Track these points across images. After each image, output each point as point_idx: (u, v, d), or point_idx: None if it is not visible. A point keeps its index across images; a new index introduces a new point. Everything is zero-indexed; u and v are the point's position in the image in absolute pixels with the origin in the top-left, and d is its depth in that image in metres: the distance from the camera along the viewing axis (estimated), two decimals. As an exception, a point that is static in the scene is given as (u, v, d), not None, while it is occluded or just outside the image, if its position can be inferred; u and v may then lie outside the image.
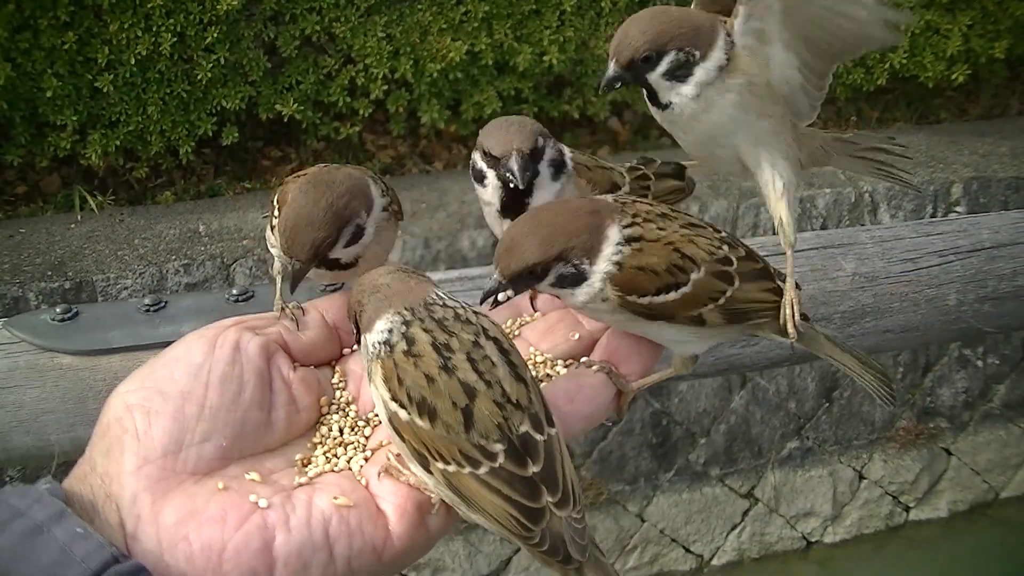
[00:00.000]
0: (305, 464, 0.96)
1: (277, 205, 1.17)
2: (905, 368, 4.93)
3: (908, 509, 5.04)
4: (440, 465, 0.87)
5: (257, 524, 0.85)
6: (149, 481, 0.86)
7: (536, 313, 1.16)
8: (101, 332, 1.44)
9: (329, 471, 0.95)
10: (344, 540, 0.87)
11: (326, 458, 0.96)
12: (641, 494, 4.62)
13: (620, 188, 1.26)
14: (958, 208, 4.84)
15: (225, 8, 4.19)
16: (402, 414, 0.88)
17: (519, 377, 0.90)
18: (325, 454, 0.97)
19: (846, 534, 4.95)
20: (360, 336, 0.96)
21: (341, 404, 1.02)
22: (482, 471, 0.87)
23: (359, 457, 0.96)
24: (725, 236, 1.08)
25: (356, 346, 1.03)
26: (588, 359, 1.07)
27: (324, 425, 1.00)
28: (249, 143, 4.89)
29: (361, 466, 0.95)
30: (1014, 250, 1.69)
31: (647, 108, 1.20)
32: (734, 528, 4.79)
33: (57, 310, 1.46)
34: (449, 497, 0.89)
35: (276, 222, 1.14)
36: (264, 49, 4.58)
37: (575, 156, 1.24)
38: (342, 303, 1.07)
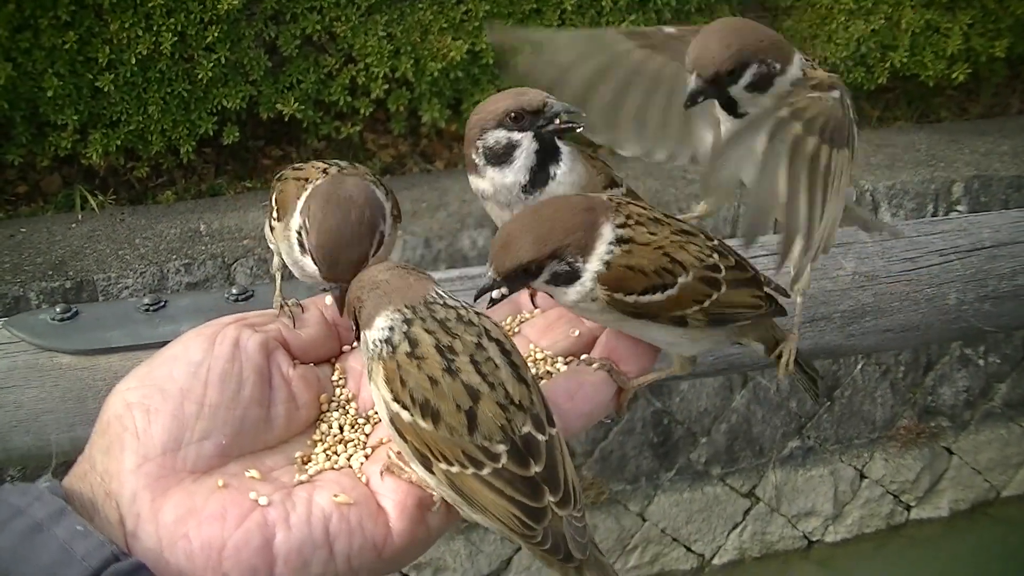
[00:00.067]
0: (305, 461, 0.95)
1: (277, 205, 1.16)
2: (906, 367, 4.93)
3: (909, 508, 5.04)
4: (443, 466, 0.87)
5: (257, 522, 0.85)
6: (149, 479, 0.86)
7: (536, 310, 1.15)
8: (100, 332, 1.44)
9: (329, 468, 0.94)
10: (344, 537, 0.87)
11: (326, 455, 0.96)
12: (642, 493, 4.62)
13: (619, 185, 1.25)
14: (959, 207, 4.84)
15: (226, 7, 4.19)
16: (404, 415, 0.88)
17: (521, 378, 0.90)
18: (325, 451, 0.96)
19: (847, 533, 4.95)
20: (359, 333, 0.96)
21: (341, 401, 1.02)
22: (485, 472, 0.86)
23: (359, 454, 0.96)
24: (716, 245, 1.07)
25: (356, 343, 1.03)
26: (588, 356, 1.06)
27: (324, 422, 1.00)
28: (250, 142, 4.89)
29: (361, 463, 0.95)
30: (1014, 249, 1.68)
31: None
32: (735, 527, 4.79)
33: (56, 310, 1.46)
34: (451, 497, 0.89)
35: (303, 237, 1.07)
36: (265, 48, 4.58)
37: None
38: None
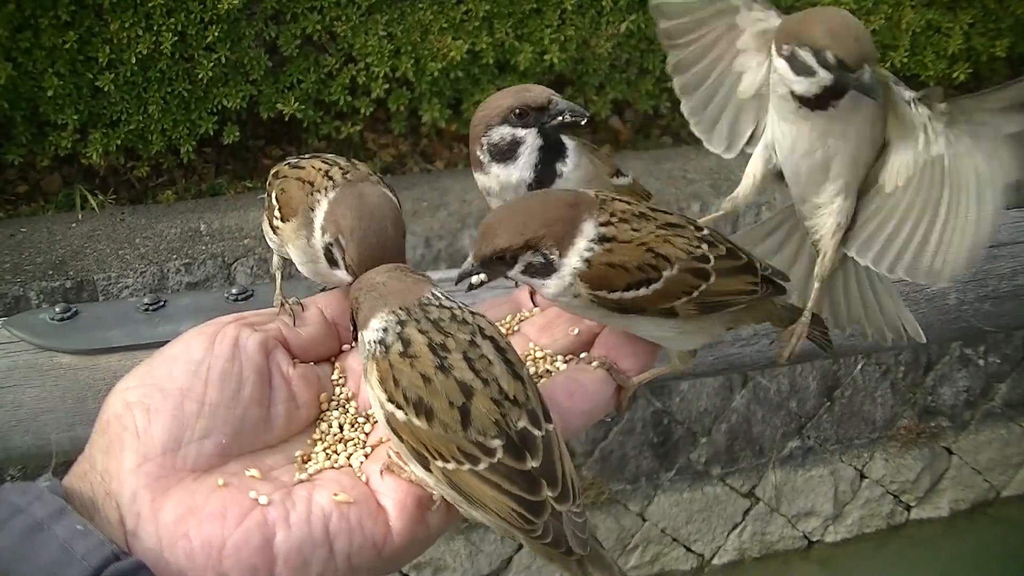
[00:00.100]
0: (305, 460, 0.95)
1: (279, 204, 1.16)
2: (906, 367, 4.93)
3: (909, 508, 5.04)
4: (439, 463, 0.87)
5: (257, 520, 0.85)
6: (149, 478, 0.86)
7: (535, 309, 1.15)
8: (100, 331, 1.44)
9: (329, 467, 0.95)
10: (344, 536, 0.87)
11: (326, 454, 0.96)
12: (642, 493, 4.62)
13: (625, 175, 1.26)
14: (960, 207, 4.84)
15: (226, 7, 4.19)
16: (399, 415, 0.88)
17: (516, 375, 0.90)
18: (325, 450, 0.96)
19: (847, 533, 4.95)
20: (357, 333, 0.96)
21: (341, 400, 1.02)
22: (481, 467, 0.86)
23: (359, 453, 0.96)
24: (706, 234, 1.06)
25: (355, 343, 1.03)
26: (588, 355, 1.06)
27: (324, 421, 1.00)
28: (250, 142, 4.88)
29: (361, 462, 0.95)
30: (1014, 249, 1.68)
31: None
32: (735, 527, 4.79)
33: (56, 309, 1.46)
34: (450, 495, 0.89)
35: (335, 252, 1.07)
36: (265, 48, 4.57)
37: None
38: (341, 299, 1.07)
